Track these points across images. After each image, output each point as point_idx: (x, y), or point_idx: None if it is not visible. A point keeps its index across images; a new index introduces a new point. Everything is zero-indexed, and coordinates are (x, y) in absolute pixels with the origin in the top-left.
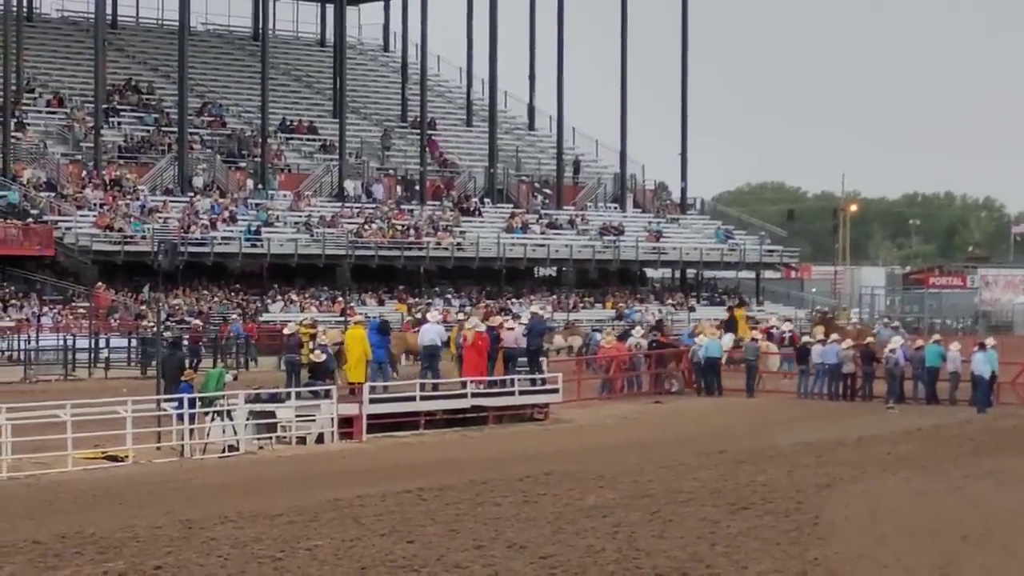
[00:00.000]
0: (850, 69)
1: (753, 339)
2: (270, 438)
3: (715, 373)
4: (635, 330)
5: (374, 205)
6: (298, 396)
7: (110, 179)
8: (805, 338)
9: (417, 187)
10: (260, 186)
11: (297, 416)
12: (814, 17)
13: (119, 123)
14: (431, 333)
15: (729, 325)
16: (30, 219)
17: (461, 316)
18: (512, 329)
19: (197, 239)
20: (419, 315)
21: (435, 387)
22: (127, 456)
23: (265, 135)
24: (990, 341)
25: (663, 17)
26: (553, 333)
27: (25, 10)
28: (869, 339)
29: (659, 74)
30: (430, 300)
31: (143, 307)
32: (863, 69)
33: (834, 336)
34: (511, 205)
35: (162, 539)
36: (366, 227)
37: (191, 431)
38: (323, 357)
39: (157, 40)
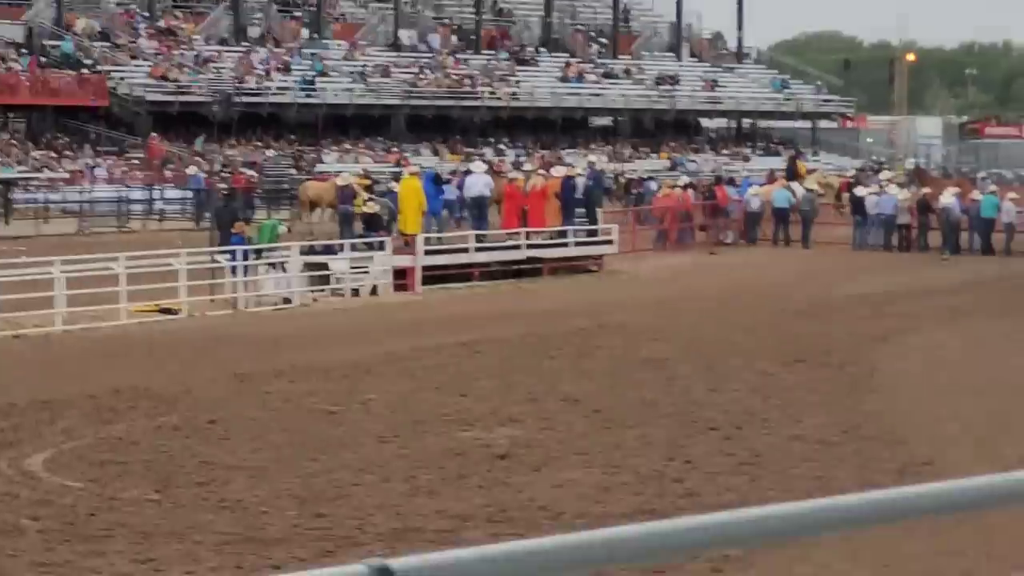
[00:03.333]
0: None
1: (809, 189)
2: (324, 290)
3: (784, 223)
4: (681, 179)
5: (429, 55)
6: (352, 248)
7: (165, 28)
8: (859, 188)
9: (473, 36)
10: (315, 35)
11: (351, 268)
12: None
13: None
14: (479, 184)
15: (789, 174)
16: (84, 69)
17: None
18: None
19: (252, 89)
20: (462, 167)
21: (482, 238)
22: (181, 309)
23: None
24: None
25: None
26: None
27: None
28: (925, 190)
29: None
30: (480, 151)
31: (197, 158)
32: None
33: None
34: (566, 55)
35: (216, 392)
36: (421, 77)
37: (245, 284)
38: (376, 208)
39: None
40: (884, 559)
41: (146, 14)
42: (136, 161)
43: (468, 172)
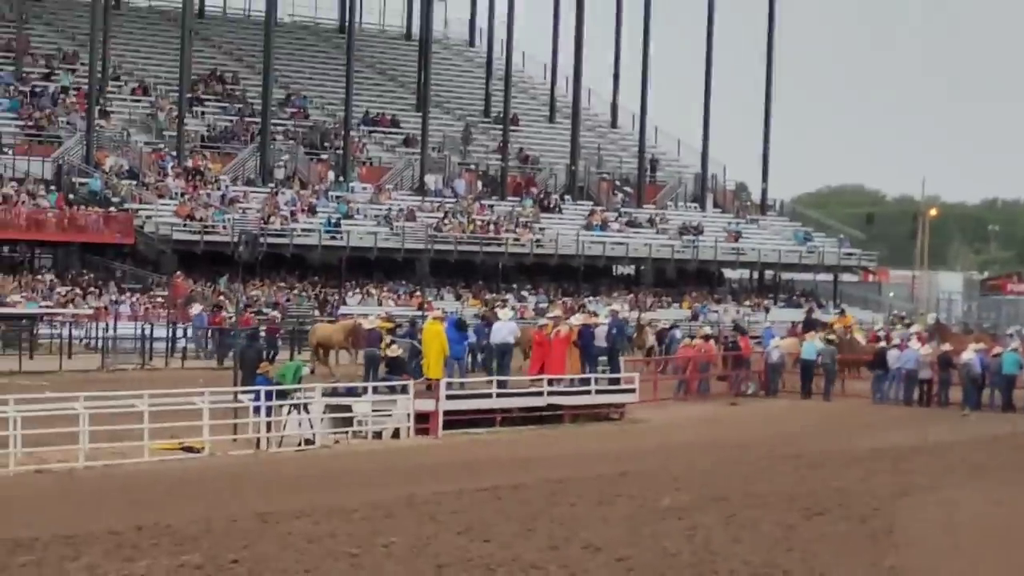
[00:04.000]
0: (930, 71)
1: (829, 341)
2: (346, 432)
3: (810, 376)
4: (704, 329)
5: (454, 199)
6: (375, 391)
7: (192, 168)
8: (882, 343)
9: (498, 182)
10: (341, 178)
11: (374, 411)
12: (895, 20)
13: (203, 112)
14: (504, 331)
15: (809, 326)
16: (111, 207)
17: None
18: (596, 327)
19: (277, 230)
20: (485, 310)
21: (505, 385)
22: (203, 447)
23: (348, 128)
24: None
25: (749, 17)
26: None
27: None
28: (946, 345)
29: (743, 75)
30: (505, 297)
31: (221, 298)
32: (944, 71)
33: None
34: (591, 202)
35: (238, 532)
36: (445, 221)
37: (267, 424)
38: (400, 351)
39: (243, 31)
40: None
41: (174, 153)
42: (160, 299)
43: (495, 318)
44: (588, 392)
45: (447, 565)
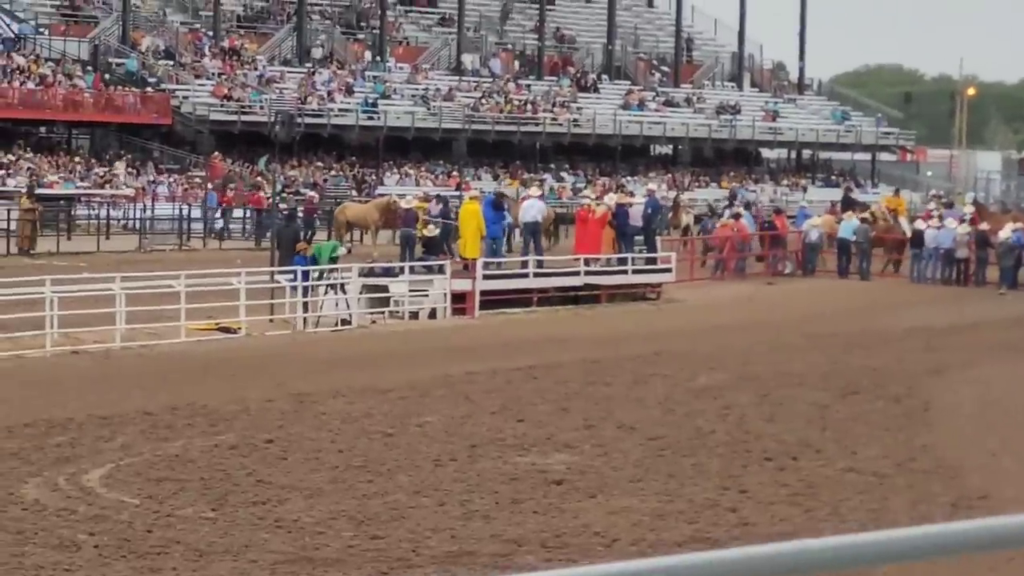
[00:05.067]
0: None
1: (864, 219)
2: (383, 312)
3: (848, 254)
4: (740, 209)
5: (491, 79)
6: (412, 271)
7: (229, 48)
8: (918, 223)
9: (535, 62)
10: (378, 58)
11: (410, 291)
12: None
13: None
14: (533, 209)
15: (847, 205)
16: (148, 87)
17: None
18: (631, 206)
19: (314, 111)
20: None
21: (539, 264)
22: (240, 328)
23: (384, 7)
24: None
25: None
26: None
27: None
28: (984, 225)
29: None
30: (543, 177)
31: (259, 178)
32: None
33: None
34: (628, 82)
35: (273, 412)
36: (483, 102)
37: (304, 304)
38: (436, 232)
39: None
40: None
41: (211, 34)
42: (198, 179)
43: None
44: (624, 272)
45: (480, 444)
